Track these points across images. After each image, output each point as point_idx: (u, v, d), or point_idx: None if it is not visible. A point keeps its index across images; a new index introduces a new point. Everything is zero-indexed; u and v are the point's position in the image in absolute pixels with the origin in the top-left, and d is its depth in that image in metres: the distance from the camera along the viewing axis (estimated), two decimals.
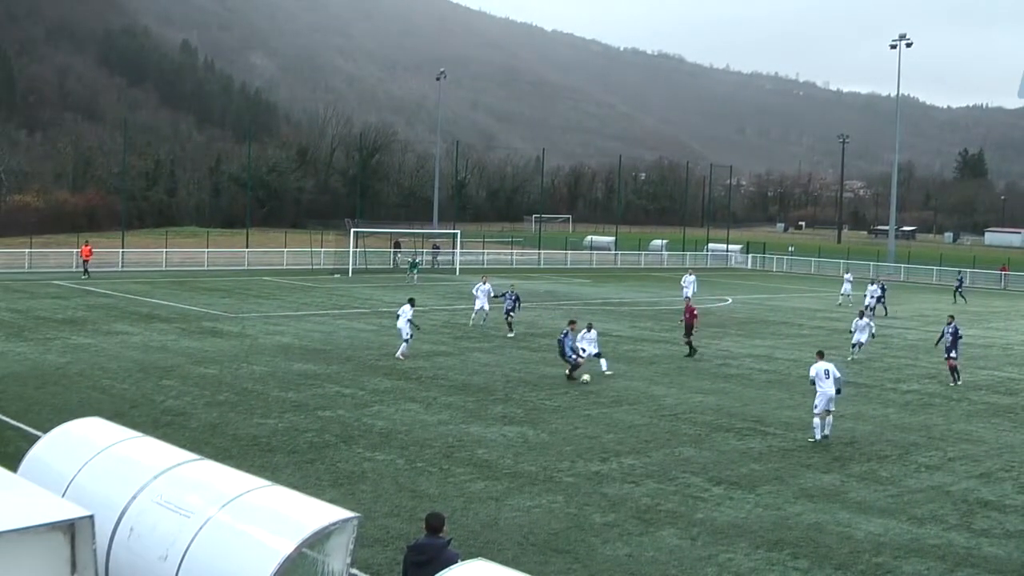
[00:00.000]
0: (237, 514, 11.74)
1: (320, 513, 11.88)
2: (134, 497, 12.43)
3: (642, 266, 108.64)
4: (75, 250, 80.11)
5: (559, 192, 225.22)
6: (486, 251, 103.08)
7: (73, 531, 7.31)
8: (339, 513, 12.00)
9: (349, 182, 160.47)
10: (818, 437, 26.62)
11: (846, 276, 73.05)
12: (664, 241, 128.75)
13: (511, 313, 46.61)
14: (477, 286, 50.09)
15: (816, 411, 26.91)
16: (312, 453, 23.71)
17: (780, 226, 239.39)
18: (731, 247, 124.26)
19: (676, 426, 28.05)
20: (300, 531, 11.24)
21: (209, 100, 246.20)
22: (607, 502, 20.71)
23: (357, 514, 12.29)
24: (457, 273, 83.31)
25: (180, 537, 11.61)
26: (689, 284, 61.40)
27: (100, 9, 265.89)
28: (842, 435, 27.61)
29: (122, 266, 79.01)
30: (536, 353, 40.74)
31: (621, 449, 25.09)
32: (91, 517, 7.30)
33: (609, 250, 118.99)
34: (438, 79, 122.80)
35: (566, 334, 35.37)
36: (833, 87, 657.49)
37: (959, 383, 36.38)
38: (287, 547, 10.97)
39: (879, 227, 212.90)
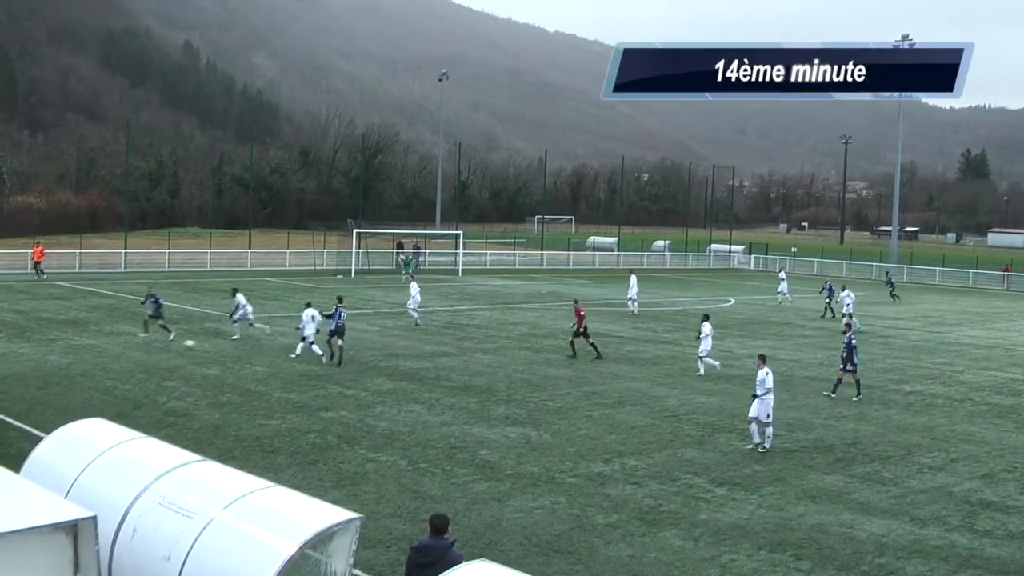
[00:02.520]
0: (240, 515, 11.75)
1: (323, 514, 11.89)
2: (137, 498, 12.44)
3: (645, 267, 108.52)
4: (78, 251, 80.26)
5: (561, 193, 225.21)
6: (489, 252, 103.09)
7: (76, 532, 7.31)
8: (342, 514, 12.01)
9: (351, 183, 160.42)
10: (768, 446, 25.56)
11: (780, 275, 72.31)
12: (667, 242, 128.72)
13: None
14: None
15: (769, 419, 25.73)
16: (315, 454, 23.71)
17: (783, 227, 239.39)
18: (734, 248, 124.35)
19: (678, 427, 28.04)
20: (303, 532, 11.25)
21: (211, 101, 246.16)
22: (609, 503, 20.71)
23: (360, 515, 12.31)
24: (460, 274, 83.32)
25: (183, 538, 11.62)
26: (633, 284, 60.36)
27: (101, 10, 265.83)
28: (845, 436, 27.63)
29: (125, 267, 78.97)
30: (539, 354, 40.74)
31: (624, 450, 25.09)
32: (94, 518, 7.31)
33: (612, 251, 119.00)
34: (440, 80, 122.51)
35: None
36: None
37: (852, 396, 33.10)
38: (290, 548, 10.98)
39: (882, 228, 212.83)
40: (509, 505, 20.31)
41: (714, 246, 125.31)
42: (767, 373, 26.05)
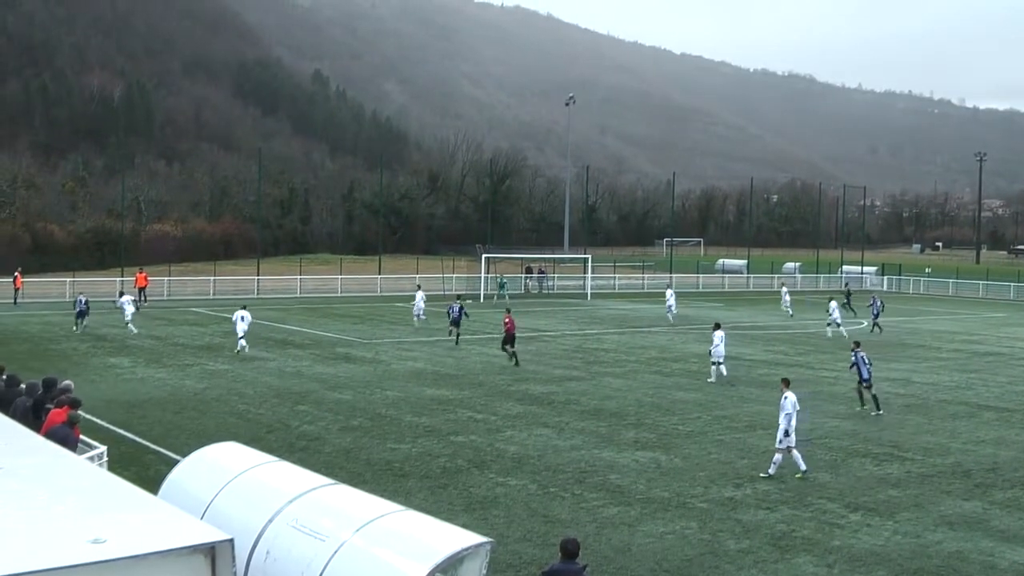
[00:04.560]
0: (371, 538, 11.81)
1: (453, 538, 11.90)
2: (270, 521, 12.57)
3: (775, 289, 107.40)
4: (212, 277, 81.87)
5: (690, 215, 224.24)
6: (617, 275, 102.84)
7: (214, 554, 7.42)
8: (472, 538, 12.01)
9: (480, 208, 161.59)
10: (772, 472, 24.74)
11: (783, 290, 75.27)
12: (797, 264, 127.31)
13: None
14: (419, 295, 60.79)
15: (795, 443, 24.94)
16: (445, 478, 23.81)
17: (916, 247, 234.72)
18: (866, 269, 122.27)
19: (811, 451, 27.60)
20: (433, 556, 11.26)
21: (341, 129, 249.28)
22: (741, 528, 20.47)
23: (490, 539, 12.30)
24: (588, 298, 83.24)
25: (315, 561, 11.71)
26: (669, 297, 66.02)
27: (234, 42, 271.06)
28: (983, 461, 26.99)
29: (257, 293, 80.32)
30: (668, 378, 40.53)
31: (755, 475, 24.78)
32: (231, 540, 7.41)
33: (741, 273, 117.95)
34: (567, 104, 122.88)
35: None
36: (969, 104, 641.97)
37: (870, 410, 33.26)
38: (420, 571, 11.00)
39: (1019, 247, 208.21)
40: (639, 530, 20.18)
41: (846, 267, 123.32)
42: (784, 398, 25.30)
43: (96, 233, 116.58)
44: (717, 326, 40.78)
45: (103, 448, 19.07)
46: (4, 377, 21.65)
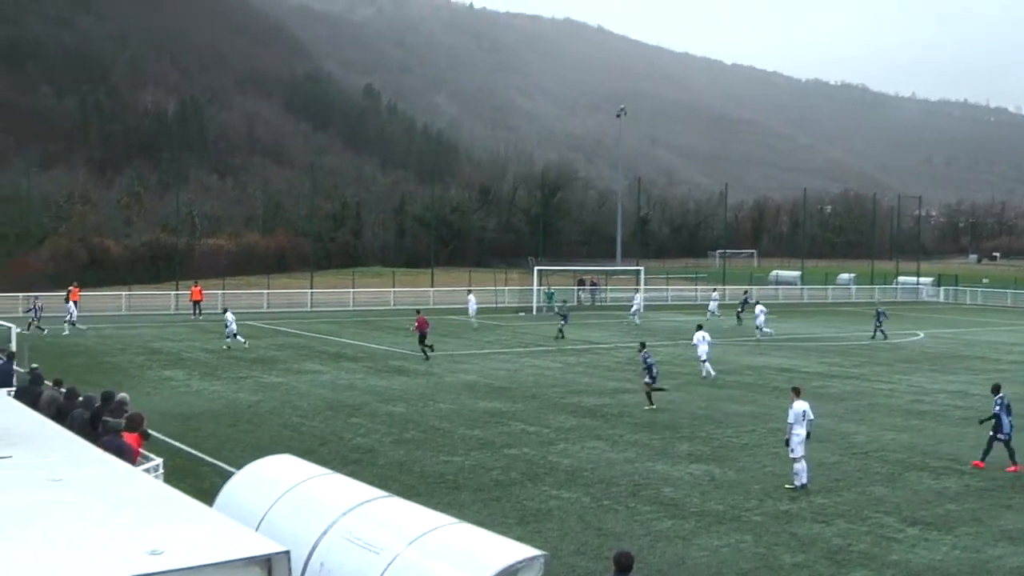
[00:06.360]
0: (424, 551, 11.79)
1: (506, 551, 11.86)
2: (324, 533, 12.59)
3: (829, 300, 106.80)
4: (266, 291, 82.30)
5: (743, 227, 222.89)
6: (670, 287, 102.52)
7: (270, 566, 7.42)
8: (525, 551, 11.97)
9: (531, 220, 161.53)
10: (799, 483, 24.54)
11: (713, 294, 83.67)
12: (852, 275, 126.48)
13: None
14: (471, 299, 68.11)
15: (796, 455, 24.58)
16: (498, 491, 23.78)
17: (973, 257, 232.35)
18: (922, 280, 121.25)
19: (867, 464, 27.38)
20: (486, 569, 11.23)
21: (392, 142, 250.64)
22: (797, 542, 20.29)
23: (543, 552, 12.25)
24: (641, 310, 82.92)
25: (369, 574, 11.70)
26: (637, 300, 74.78)
27: (285, 57, 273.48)
28: None
29: (311, 306, 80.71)
30: (722, 390, 40.33)
31: (811, 488, 24.55)
32: (287, 552, 7.42)
33: (795, 284, 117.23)
34: (618, 116, 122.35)
35: None
36: None
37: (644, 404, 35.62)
38: None
39: None
40: (694, 543, 20.06)
41: (901, 278, 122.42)
42: (790, 407, 25.06)
43: (151, 247, 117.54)
44: (699, 327, 45.04)
45: (159, 460, 19.20)
46: (63, 390, 21.91)
